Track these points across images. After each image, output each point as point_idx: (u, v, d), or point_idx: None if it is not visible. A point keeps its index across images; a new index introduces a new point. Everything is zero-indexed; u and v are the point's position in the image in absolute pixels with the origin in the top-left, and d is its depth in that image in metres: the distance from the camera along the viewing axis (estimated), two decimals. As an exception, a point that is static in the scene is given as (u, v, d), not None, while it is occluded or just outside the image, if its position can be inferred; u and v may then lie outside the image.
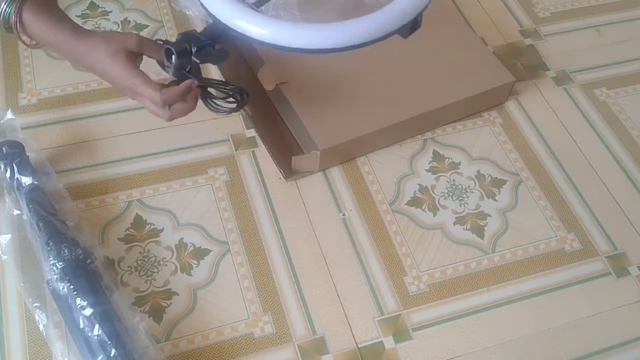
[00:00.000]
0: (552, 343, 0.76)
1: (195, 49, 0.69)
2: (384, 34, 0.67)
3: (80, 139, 0.86)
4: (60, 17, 0.71)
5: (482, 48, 0.99)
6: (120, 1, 1.03)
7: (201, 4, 0.68)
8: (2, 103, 0.88)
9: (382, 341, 0.74)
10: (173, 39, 0.97)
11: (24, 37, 0.71)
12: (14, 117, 0.81)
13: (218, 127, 0.89)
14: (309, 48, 0.65)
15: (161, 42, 0.72)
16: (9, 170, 0.76)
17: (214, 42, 0.70)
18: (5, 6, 0.67)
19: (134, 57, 0.71)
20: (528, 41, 1.07)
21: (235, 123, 0.90)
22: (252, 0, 0.75)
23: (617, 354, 0.76)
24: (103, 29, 0.98)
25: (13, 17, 0.67)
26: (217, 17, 0.67)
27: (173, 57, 0.70)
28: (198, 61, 0.70)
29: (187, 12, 1.00)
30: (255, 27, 0.65)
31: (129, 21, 1.00)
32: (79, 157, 0.84)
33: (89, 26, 0.98)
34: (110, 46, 0.70)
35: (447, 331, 0.75)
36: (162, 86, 0.71)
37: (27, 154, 0.78)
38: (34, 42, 0.72)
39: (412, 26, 0.71)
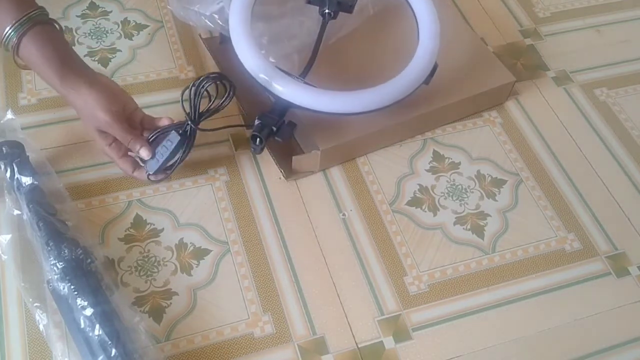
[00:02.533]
0: (552, 343, 0.76)
1: (276, 129, 0.79)
2: (413, 88, 0.83)
3: (80, 139, 0.85)
4: (59, 56, 0.73)
5: (482, 48, 0.99)
6: (120, 1, 1.03)
7: (265, 88, 0.80)
8: (2, 103, 0.88)
9: (382, 341, 0.74)
10: (173, 39, 0.99)
11: (18, 60, 0.74)
12: (14, 117, 0.81)
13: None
14: (358, 111, 0.81)
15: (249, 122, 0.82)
16: (9, 170, 0.76)
17: (283, 117, 0.80)
18: (10, 30, 0.71)
19: (105, 133, 0.76)
20: (528, 41, 1.07)
21: (235, 123, 0.90)
22: (298, 72, 0.84)
23: (617, 354, 0.76)
24: (103, 28, 0.98)
25: (14, 41, 0.71)
26: (282, 96, 0.79)
27: (258, 140, 0.79)
28: (280, 140, 0.81)
29: (184, 22, 1.00)
30: (314, 100, 0.79)
31: (129, 21, 1.00)
32: (79, 157, 0.84)
33: (89, 26, 0.98)
34: (85, 115, 0.75)
35: (447, 331, 0.75)
36: (134, 163, 0.78)
37: (27, 154, 0.78)
38: (25, 65, 0.75)
39: (432, 72, 0.85)
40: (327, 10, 0.88)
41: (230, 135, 0.89)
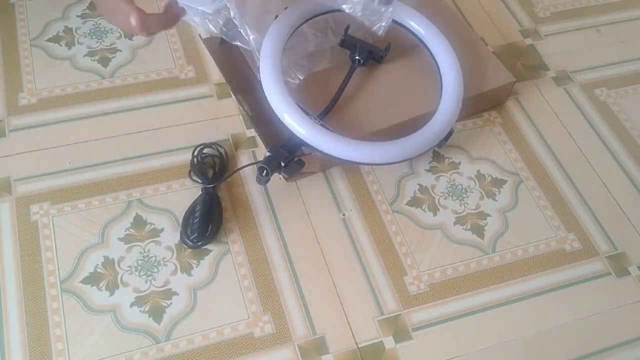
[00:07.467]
0: (552, 343, 0.76)
1: (284, 164, 0.79)
2: (424, 150, 0.84)
3: (80, 139, 0.85)
4: None
5: (482, 48, 0.99)
6: (120, 1, 1.03)
7: (281, 123, 0.80)
8: (2, 103, 0.88)
9: (382, 341, 0.74)
10: (173, 39, 0.99)
11: None
12: None
13: (218, 127, 0.89)
14: (366, 162, 0.83)
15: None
16: None
17: (294, 154, 0.80)
18: None
19: None
20: (528, 41, 1.07)
21: (236, 123, 0.90)
22: (317, 113, 0.83)
23: (617, 354, 0.76)
24: (103, 28, 0.98)
25: None
26: (297, 134, 0.79)
27: (265, 172, 0.78)
28: (287, 176, 0.82)
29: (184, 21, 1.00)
30: (327, 144, 0.79)
31: (129, 21, 1.00)
32: (78, 156, 0.84)
33: (88, 26, 0.98)
34: None
35: (447, 331, 0.75)
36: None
37: None
38: None
39: (447, 137, 0.85)
40: (357, 57, 0.89)
41: (231, 136, 0.89)
